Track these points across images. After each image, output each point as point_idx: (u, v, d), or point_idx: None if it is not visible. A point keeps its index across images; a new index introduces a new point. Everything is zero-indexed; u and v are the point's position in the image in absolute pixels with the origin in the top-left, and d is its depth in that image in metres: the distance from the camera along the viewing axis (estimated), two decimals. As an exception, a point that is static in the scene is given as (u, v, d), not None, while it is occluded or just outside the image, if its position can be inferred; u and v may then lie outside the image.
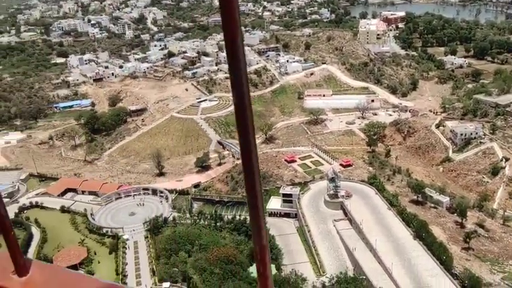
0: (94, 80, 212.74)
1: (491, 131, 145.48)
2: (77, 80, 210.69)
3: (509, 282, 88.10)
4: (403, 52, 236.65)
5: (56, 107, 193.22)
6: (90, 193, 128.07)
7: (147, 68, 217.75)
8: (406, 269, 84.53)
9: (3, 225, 1.49)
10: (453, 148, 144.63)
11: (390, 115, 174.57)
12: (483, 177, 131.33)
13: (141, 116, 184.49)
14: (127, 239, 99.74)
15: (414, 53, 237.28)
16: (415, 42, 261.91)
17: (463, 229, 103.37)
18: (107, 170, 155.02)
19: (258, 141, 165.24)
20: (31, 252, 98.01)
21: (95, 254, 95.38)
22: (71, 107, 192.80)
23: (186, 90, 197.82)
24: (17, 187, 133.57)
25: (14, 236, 1.52)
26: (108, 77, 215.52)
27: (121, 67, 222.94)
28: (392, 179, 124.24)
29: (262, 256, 1.13)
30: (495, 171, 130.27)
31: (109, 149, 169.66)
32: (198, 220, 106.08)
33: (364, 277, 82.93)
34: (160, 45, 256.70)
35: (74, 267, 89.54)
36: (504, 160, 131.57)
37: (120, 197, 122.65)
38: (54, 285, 1.48)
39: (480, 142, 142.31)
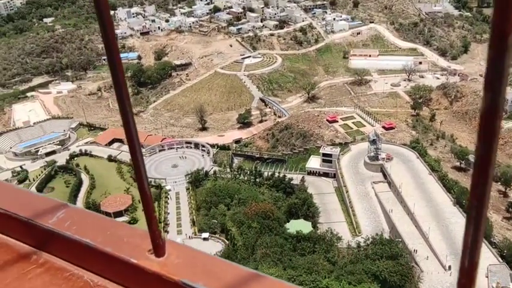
0: (141, 34, 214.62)
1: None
2: (125, 33, 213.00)
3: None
4: (456, 12, 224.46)
5: (104, 59, 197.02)
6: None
7: (193, 22, 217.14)
8: (442, 234, 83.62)
9: (148, 205, 1.49)
10: (503, 115, 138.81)
11: (438, 78, 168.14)
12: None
13: (185, 71, 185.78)
14: (169, 190, 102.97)
15: (468, 13, 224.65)
16: (470, 2, 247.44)
17: (506, 198, 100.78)
18: (152, 123, 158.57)
19: (300, 100, 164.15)
20: (80, 197, 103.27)
21: (139, 202, 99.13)
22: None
23: (231, 46, 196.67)
24: (68, 135, 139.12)
25: (155, 216, 1.48)
26: (155, 30, 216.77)
27: (167, 21, 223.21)
28: (436, 144, 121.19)
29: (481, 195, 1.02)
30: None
31: (154, 102, 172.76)
32: (237, 175, 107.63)
33: (400, 240, 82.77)
34: (206, 0, 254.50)
35: (120, 213, 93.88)
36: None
37: (164, 149, 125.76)
38: (193, 269, 1.42)
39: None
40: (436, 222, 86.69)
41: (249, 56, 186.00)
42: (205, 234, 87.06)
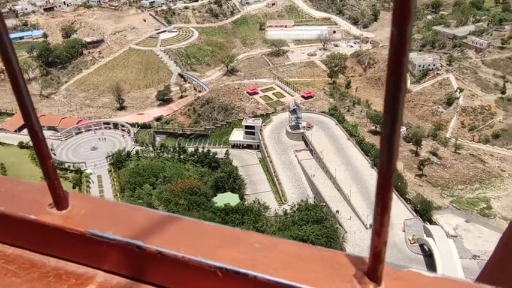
0: (44, 10, 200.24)
1: (448, 63, 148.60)
2: (25, 9, 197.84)
3: (457, 205, 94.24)
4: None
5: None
6: (49, 128, 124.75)
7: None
8: (363, 195, 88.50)
9: (41, 153, 1.25)
10: (411, 79, 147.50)
11: (351, 46, 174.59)
12: (438, 107, 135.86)
13: (97, 48, 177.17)
14: (90, 174, 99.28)
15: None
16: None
17: (417, 157, 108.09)
18: (65, 105, 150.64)
19: (219, 73, 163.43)
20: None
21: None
22: (21, 38, 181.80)
23: (144, 20, 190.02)
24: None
25: (53, 165, 1.28)
26: (60, 6, 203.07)
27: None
28: (352, 110, 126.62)
29: (389, 179, 1.06)
30: (450, 101, 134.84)
31: (66, 82, 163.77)
32: (161, 153, 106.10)
33: (324, 204, 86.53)
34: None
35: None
36: (459, 91, 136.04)
37: (81, 132, 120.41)
38: (100, 218, 1.30)
39: (437, 73, 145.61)
40: (356, 184, 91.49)
41: (165, 31, 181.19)
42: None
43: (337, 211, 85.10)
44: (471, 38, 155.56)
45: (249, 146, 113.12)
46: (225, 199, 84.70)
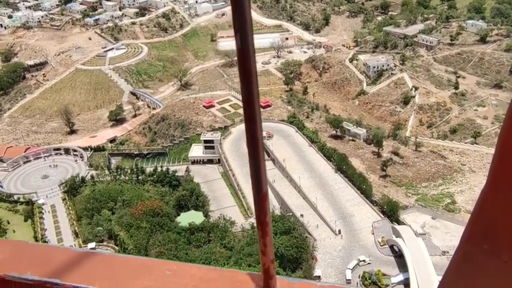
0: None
1: (401, 62, 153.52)
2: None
3: (422, 202, 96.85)
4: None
5: None
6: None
7: (42, 16, 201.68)
8: (329, 201, 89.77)
9: None
10: (367, 81, 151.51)
11: (305, 52, 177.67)
12: (396, 107, 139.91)
13: (41, 71, 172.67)
14: (43, 204, 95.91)
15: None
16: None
17: (379, 158, 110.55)
18: (10, 133, 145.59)
19: (173, 88, 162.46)
20: None
21: (8, 223, 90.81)
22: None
23: (90, 39, 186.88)
24: None
25: None
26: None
27: (10, 17, 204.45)
28: (311, 116, 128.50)
29: (262, 204, 1.21)
30: (406, 100, 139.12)
31: (9, 109, 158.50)
32: (118, 176, 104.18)
33: (291, 213, 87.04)
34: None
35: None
36: (414, 89, 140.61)
37: (29, 160, 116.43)
38: (18, 261, 1.34)
39: (391, 73, 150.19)
40: (321, 191, 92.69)
41: (112, 48, 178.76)
42: (92, 244, 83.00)
43: (302, 215, 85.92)
44: (421, 36, 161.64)
45: (210, 161, 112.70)
46: (189, 218, 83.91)
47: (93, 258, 1.33)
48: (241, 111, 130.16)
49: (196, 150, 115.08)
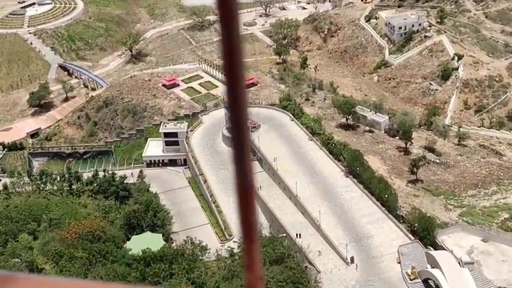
0: None
1: (438, 20, 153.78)
2: None
3: (469, 218, 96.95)
4: None
5: None
6: None
7: None
8: (337, 216, 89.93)
9: None
10: (390, 48, 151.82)
11: (304, 8, 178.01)
12: (431, 83, 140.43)
13: None
14: None
15: None
16: None
17: (408, 156, 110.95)
18: None
19: (120, 60, 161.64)
20: None
21: None
22: None
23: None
24: None
25: None
26: None
27: None
28: (313, 97, 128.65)
29: (249, 221, 1.25)
30: (446, 74, 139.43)
31: None
32: (42, 185, 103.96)
33: (285, 235, 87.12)
34: None
35: None
36: (456, 58, 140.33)
37: None
38: None
39: (425, 36, 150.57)
40: (327, 202, 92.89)
41: (33, 3, 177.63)
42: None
43: (298, 235, 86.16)
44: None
45: (173, 162, 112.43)
46: (143, 243, 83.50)
47: (12, 281, 1.48)
48: (215, 91, 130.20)
49: (154, 148, 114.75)
